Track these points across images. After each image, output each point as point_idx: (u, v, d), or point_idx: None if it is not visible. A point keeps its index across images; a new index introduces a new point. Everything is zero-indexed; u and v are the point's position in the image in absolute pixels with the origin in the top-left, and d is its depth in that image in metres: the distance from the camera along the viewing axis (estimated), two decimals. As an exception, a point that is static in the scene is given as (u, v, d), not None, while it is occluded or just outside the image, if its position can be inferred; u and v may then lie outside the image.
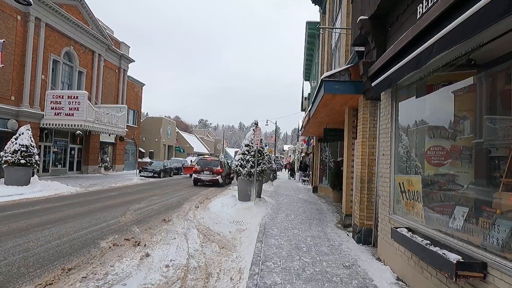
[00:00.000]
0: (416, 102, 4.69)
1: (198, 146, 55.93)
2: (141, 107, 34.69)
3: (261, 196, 12.34)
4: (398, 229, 4.20)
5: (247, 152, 11.37)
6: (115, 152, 29.65)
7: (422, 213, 4.06)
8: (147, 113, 44.26)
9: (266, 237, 6.62)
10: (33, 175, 13.58)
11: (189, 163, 30.79)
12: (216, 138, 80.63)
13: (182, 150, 47.44)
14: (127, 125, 31.53)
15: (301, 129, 15.81)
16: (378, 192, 6.09)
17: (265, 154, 11.70)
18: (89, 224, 7.59)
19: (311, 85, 29.97)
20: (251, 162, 11.11)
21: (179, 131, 52.34)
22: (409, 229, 4.13)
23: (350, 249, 5.98)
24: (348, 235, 7.20)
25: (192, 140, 55.45)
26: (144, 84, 35.18)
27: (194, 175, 19.49)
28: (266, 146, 21.91)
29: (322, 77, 6.73)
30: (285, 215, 9.42)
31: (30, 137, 13.45)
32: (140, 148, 37.40)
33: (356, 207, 6.79)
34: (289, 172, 31.73)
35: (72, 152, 24.10)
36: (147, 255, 5.38)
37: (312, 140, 22.62)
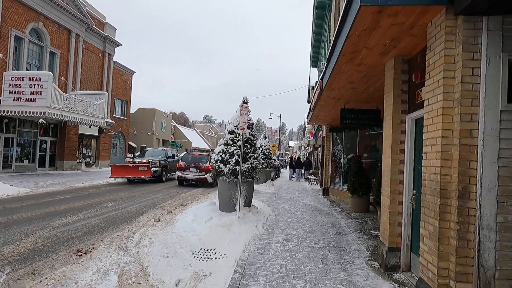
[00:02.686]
0: None
1: (198, 141, 52.63)
2: (130, 97, 31.44)
3: (253, 203, 8.94)
4: None
5: (231, 142, 7.96)
6: (98, 146, 26.46)
7: None
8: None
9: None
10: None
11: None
12: (219, 133, 77.26)
13: (179, 145, 44.20)
14: (113, 116, 28.43)
15: (308, 113, 12.31)
16: (488, 222, 2.68)
17: (257, 145, 8.27)
18: None
19: (319, 71, 26.42)
20: (236, 156, 7.70)
21: (177, 125, 49.06)
22: None
23: None
24: (400, 293, 3.78)
25: (191, 135, 52.17)
26: (134, 72, 31.91)
27: (178, 173, 16.15)
28: (266, 138, 18.53)
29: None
30: (284, 239, 6.01)
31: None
32: (130, 142, 34.22)
33: (425, 246, 3.33)
34: (291, 171, 24.74)
35: (44, 145, 20.92)
36: None
37: (321, 131, 19.11)
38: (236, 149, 7.82)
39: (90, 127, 23.54)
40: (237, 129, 7.96)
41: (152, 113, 36.99)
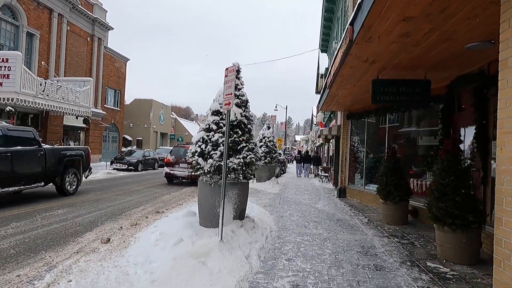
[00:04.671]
0: None
1: (200, 135, 50.22)
2: (124, 86, 29.13)
3: (248, 212, 6.51)
4: None
5: (215, 127, 5.51)
6: (88, 139, 24.24)
7: None
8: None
9: None
10: None
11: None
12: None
13: (180, 139, 41.89)
14: (105, 107, 26.21)
15: (321, 96, 9.76)
16: None
17: (250, 132, 5.77)
18: None
19: (329, 56, 23.74)
20: (222, 147, 5.25)
21: (177, 117, 46.74)
22: None
23: None
24: None
25: (193, 128, 49.80)
26: (128, 59, 29.55)
27: (166, 169, 13.79)
28: (269, 128, 16.00)
29: None
30: (292, 286, 3.56)
31: None
32: (126, 136, 32.02)
33: None
34: (298, 166, 22.00)
35: (22, 137, 18.68)
36: None
37: (333, 120, 16.54)
38: (222, 137, 5.37)
39: (76, 118, 21.38)
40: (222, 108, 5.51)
41: (149, 104, 34.64)
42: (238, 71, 5.79)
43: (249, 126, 5.72)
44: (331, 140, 15.42)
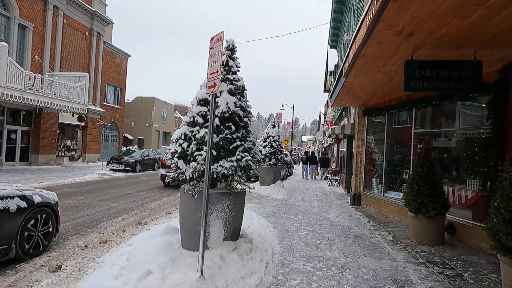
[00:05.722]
0: None
1: (204, 134, 49.09)
2: (125, 83, 28.07)
3: (248, 226, 5.26)
4: None
5: (201, 120, 4.25)
6: (85, 137, 23.22)
7: None
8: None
9: None
10: None
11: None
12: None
13: (184, 139, 40.64)
14: (104, 104, 25.18)
15: (334, 88, 8.41)
16: None
17: (246, 127, 4.47)
18: None
19: (339, 52, 22.37)
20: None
21: (181, 116, 45.62)
22: None
23: None
24: None
25: (197, 127, 48.65)
26: (129, 56, 28.49)
27: (162, 171, 12.62)
28: (274, 127, 14.58)
29: None
30: None
31: None
32: (126, 135, 31.00)
33: None
34: (304, 168, 20.60)
35: (13, 135, 17.68)
36: None
37: (345, 119, 15.18)
38: (206, 133, 4.11)
39: (73, 115, 20.33)
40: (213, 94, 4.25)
41: (151, 102, 33.54)
42: (232, 50, 4.56)
43: (246, 120, 4.45)
44: (342, 140, 14.05)
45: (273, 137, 13.42)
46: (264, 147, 13.32)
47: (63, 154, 21.29)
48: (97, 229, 5.94)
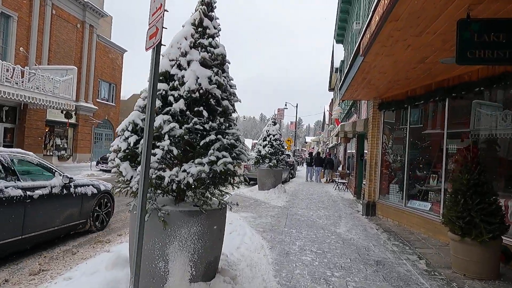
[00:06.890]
0: None
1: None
2: (120, 80, 26.81)
3: (227, 254, 3.89)
4: None
5: (159, 102, 2.87)
6: (76, 136, 21.95)
7: None
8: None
9: None
10: None
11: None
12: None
13: (183, 138, 39.38)
14: (97, 101, 23.92)
15: (348, 71, 6.93)
16: None
17: (227, 114, 3.09)
18: None
19: (345, 47, 20.92)
20: (167, 141, 2.62)
21: (181, 115, 44.35)
22: None
23: None
24: None
25: (198, 127, 47.32)
26: (125, 51, 27.23)
27: (148, 173, 11.23)
28: (275, 124, 13.02)
29: None
30: None
31: None
32: (122, 133, 29.69)
33: None
34: (308, 169, 19.38)
35: (-6, 133, 16.45)
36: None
37: (354, 115, 13.76)
38: (170, 122, 2.73)
39: (62, 112, 19.11)
40: (178, 65, 2.88)
41: (148, 100, 32.20)
42: (209, 5, 3.17)
43: (226, 103, 3.05)
44: (352, 139, 12.61)
45: (273, 136, 11.97)
46: (264, 146, 11.91)
47: (51, 153, 20.03)
48: (38, 252, 4.54)
